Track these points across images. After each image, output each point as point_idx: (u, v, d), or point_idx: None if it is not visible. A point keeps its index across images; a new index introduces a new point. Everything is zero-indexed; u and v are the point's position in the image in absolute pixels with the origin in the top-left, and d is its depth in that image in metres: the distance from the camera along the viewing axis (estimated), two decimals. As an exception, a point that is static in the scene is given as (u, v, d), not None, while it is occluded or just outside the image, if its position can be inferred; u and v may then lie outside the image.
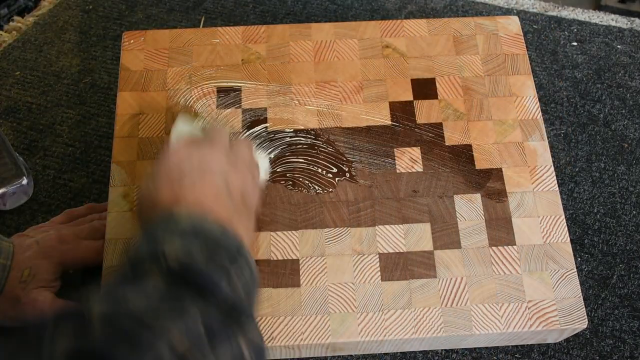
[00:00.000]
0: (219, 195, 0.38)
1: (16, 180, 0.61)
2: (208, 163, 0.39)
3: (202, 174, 0.38)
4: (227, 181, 0.39)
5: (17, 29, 0.79)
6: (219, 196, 0.38)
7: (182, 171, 0.38)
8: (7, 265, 0.52)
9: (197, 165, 0.38)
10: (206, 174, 0.38)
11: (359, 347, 0.51)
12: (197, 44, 0.59)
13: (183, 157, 0.39)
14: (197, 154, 0.39)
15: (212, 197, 0.37)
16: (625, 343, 0.57)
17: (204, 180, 0.37)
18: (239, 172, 0.41)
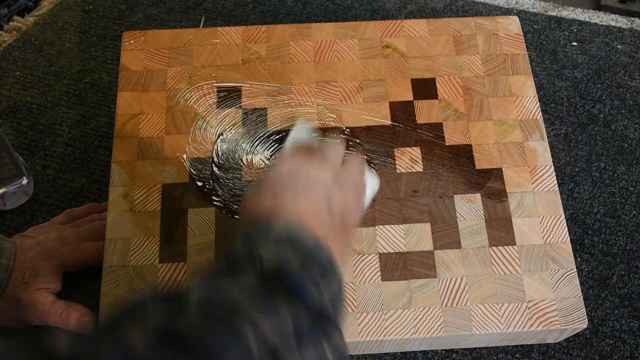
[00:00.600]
0: (318, 212, 0.38)
1: (16, 180, 0.61)
2: (314, 179, 0.39)
3: (306, 188, 0.38)
4: (330, 199, 0.39)
5: (17, 29, 0.79)
6: (319, 213, 0.38)
7: (287, 183, 0.38)
8: (9, 265, 0.52)
9: (304, 179, 0.39)
10: (310, 189, 0.38)
11: (359, 347, 0.51)
12: (197, 44, 0.59)
13: (292, 169, 0.39)
14: (306, 168, 0.40)
15: (312, 213, 0.38)
16: (625, 343, 0.57)
17: (306, 196, 0.38)
18: (344, 192, 0.41)
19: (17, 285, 0.52)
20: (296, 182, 0.38)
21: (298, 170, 0.39)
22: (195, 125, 0.56)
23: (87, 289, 0.57)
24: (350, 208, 0.41)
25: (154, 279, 0.50)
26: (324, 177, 0.40)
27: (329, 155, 0.42)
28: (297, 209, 0.37)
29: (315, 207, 0.38)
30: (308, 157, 0.41)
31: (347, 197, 0.41)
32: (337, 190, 0.40)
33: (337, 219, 0.39)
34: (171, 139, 0.55)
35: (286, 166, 0.40)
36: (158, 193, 0.53)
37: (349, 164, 0.43)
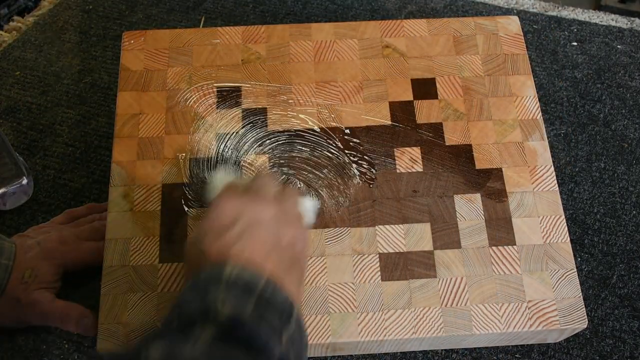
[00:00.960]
0: (268, 250, 0.37)
1: (16, 180, 0.61)
2: (258, 217, 0.38)
3: (251, 228, 0.37)
4: (278, 236, 0.38)
5: (17, 29, 0.79)
6: (268, 251, 0.37)
7: (232, 224, 0.37)
8: (9, 265, 0.52)
9: (247, 218, 0.37)
10: (255, 228, 0.37)
11: (359, 347, 0.51)
12: (197, 44, 0.59)
13: (233, 209, 0.38)
14: (248, 207, 0.38)
15: (263, 253, 0.37)
16: (625, 343, 0.57)
17: (253, 235, 0.37)
18: (289, 226, 0.40)
19: (17, 285, 0.52)
20: (240, 222, 0.37)
21: (239, 210, 0.38)
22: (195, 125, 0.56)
23: (87, 289, 0.57)
24: (299, 242, 0.40)
25: (153, 279, 0.50)
26: (268, 213, 0.38)
27: (265, 189, 0.41)
28: (245, 250, 0.36)
29: (264, 246, 0.37)
30: (244, 195, 0.40)
31: (294, 232, 0.40)
32: (283, 226, 0.39)
33: (289, 255, 0.38)
34: (171, 139, 0.55)
35: (226, 207, 0.38)
36: (158, 193, 0.53)
37: (284, 196, 0.42)
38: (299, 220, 0.42)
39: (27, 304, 0.52)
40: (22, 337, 0.55)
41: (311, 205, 0.48)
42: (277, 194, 0.42)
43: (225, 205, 0.38)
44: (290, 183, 0.53)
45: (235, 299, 0.33)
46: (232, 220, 0.37)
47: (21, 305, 0.52)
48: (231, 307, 0.32)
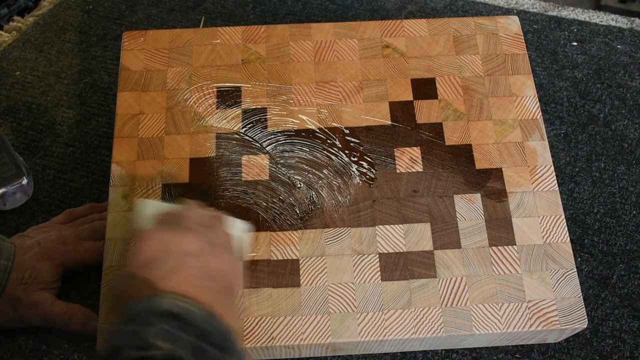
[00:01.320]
0: (199, 282, 0.36)
1: (16, 180, 0.61)
2: (185, 251, 0.37)
3: (178, 261, 0.36)
4: (206, 266, 0.37)
5: (17, 29, 0.79)
6: (200, 283, 0.36)
7: (157, 259, 0.36)
8: (8, 266, 0.52)
9: (174, 254, 0.37)
10: (184, 262, 0.36)
11: (359, 347, 0.51)
12: (197, 44, 0.59)
13: (157, 244, 0.37)
14: (171, 240, 0.38)
15: (192, 285, 0.36)
16: (625, 343, 0.57)
17: (181, 268, 0.36)
18: (217, 254, 0.39)
19: (17, 286, 0.52)
20: (168, 259, 0.36)
21: (164, 243, 0.37)
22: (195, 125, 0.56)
23: (87, 289, 0.57)
24: (229, 270, 0.39)
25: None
26: (193, 247, 0.38)
27: (189, 219, 0.40)
28: (178, 282, 0.35)
29: (195, 279, 0.36)
30: (171, 228, 0.39)
31: (223, 260, 0.39)
32: (211, 255, 0.38)
33: (219, 285, 0.37)
34: (171, 139, 0.55)
35: (151, 245, 0.37)
36: (158, 193, 0.53)
37: (211, 223, 0.42)
38: (228, 251, 0.41)
39: (27, 305, 0.52)
40: (22, 337, 0.55)
41: (242, 231, 0.47)
42: (204, 224, 0.41)
43: (152, 242, 0.38)
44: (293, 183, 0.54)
45: (171, 335, 0.32)
46: (161, 254, 0.37)
47: (21, 306, 0.52)
48: (168, 345, 0.31)
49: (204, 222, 0.42)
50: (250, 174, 0.54)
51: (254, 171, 0.54)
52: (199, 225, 0.41)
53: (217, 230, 0.42)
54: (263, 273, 0.50)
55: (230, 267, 0.40)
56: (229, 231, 0.44)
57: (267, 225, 0.52)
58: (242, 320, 0.49)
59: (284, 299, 0.49)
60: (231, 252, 0.42)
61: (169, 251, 0.37)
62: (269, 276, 0.50)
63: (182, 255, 0.37)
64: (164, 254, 0.37)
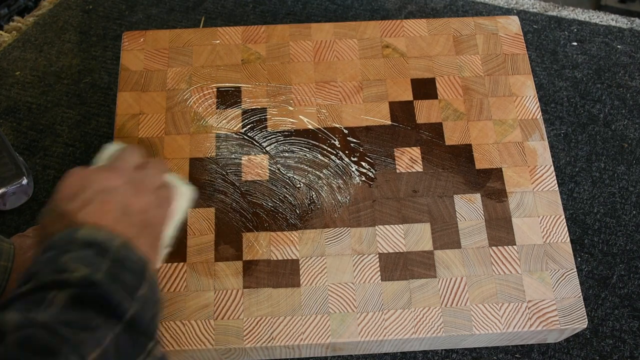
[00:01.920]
0: (119, 215, 0.38)
1: (16, 180, 0.61)
2: (104, 185, 0.39)
3: (96, 196, 0.38)
4: (125, 203, 0.39)
5: (17, 29, 0.79)
6: (120, 216, 0.38)
7: (76, 194, 0.38)
8: (8, 267, 0.52)
9: (92, 188, 0.38)
10: (101, 197, 0.38)
11: (359, 347, 0.51)
12: (197, 44, 0.59)
13: (78, 179, 0.39)
14: (95, 176, 0.39)
15: (113, 216, 0.38)
16: (625, 343, 0.57)
17: (99, 203, 0.38)
18: (141, 195, 0.40)
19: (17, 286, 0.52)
20: (85, 192, 0.38)
21: (85, 181, 0.39)
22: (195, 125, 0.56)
23: None
24: (151, 211, 0.40)
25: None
26: (115, 181, 0.39)
27: (121, 160, 0.42)
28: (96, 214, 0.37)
29: (112, 214, 0.38)
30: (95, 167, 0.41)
31: (146, 201, 0.40)
32: (132, 194, 0.40)
33: (138, 223, 0.39)
34: (171, 139, 0.55)
35: (71, 180, 0.39)
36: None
37: (146, 168, 0.43)
38: (157, 193, 0.43)
39: (27, 304, 0.52)
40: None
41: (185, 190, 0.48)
42: (135, 166, 0.43)
43: (73, 178, 0.39)
44: (293, 183, 0.54)
45: (88, 260, 0.34)
46: (80, 188, 0.38)
47: (21, 305, 0.52)
48: (84, 269, 0.33)
49: (136, 164, 0.43)
50: (250, 174, 0.54)
51: (254, 171, 0.54)
52: (129, 167, 0.42)
53: (149, 175, 0.43)
54: (263, 273, 0.50)
55: (154, 210, 0.41)
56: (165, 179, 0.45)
57: (267, 225, 0.52)
58: (242, 321, 0.49)
59: (284, 299, 0.49)
60: (159, 197, 0.43)
61: (88, 186, 0.38)
62: (269, 276, 0.50)
63: (100, 189, 0.38)
64: (83, 188, 0.38)
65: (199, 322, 0.49)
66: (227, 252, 0.51)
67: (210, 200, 0.53)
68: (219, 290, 0.50)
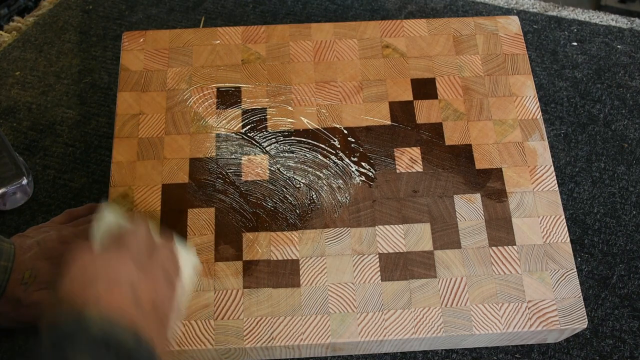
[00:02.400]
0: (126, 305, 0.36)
1: (16, 180, 0.61)
2: (114, 271, 0.37)
3: (107, 283, 0.36)
4: (136, 290, 0.37)
5: (17, 29, 0.79)
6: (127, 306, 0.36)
7: (85, 282, 0.36)
8: (8, 267, 0.52)
9: (104, 275, 0.37)
10: (112, 285, 0.37)
11: (359, 347, 0.51)
12: (197, 44, 0.59)
13: (88, 263, 0.37)
14: (104, 263, 0.38)
15: (120, 307, 0.36)
16: (625, 343, 0.57)
17: (109, 290, 0.36)
18: (151, 280, 0.39)
19: (17, 287, 0.52)
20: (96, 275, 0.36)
21: (95, 263, 0.37)
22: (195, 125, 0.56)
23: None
24: (161, 296, 0.39)
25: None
26: (124, 267, 0.38)
27: (130, 239, 0.40)
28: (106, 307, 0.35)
29: (121, 302, 0.36)
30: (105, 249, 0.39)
31: (156, 286, 0.39)
32: (143, 279, 0.38)
33: (146, 308, 0.37)
34: (171, 139, 0.55)
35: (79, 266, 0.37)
36: (158, 193, 0.53)
37: (156, 249, 0.42)
38: (167, 275, 0.41)
39: (27, 305, 0.52)
40: (22, 337, 0.55)
41: (189, 259, 0.47)
42: (146, 249, 0.41)
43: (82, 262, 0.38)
44: (293, 183, 0.54)
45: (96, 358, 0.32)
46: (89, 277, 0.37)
47: (21, 306, 0.52)
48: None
49: (147, 246, 0.41)
50: (250, 174, 0.54)
51: (254, 171, 0.54)
52: (138, 247, 0.41)
53: (160, 255, 0.41)
54: (263, 273, 0.50)
55: (163, 294, 0.40)
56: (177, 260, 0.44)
57: (267, 225, 0.52)
58: (242, 321, 0.49)
59: (284, 299, 0.49)
60: (169, 278, 0.41)
61: (99, 273, 0.37)
62: (269, 276, 0.50)
63: (112, 277, 0.37)
64: (92, 277, 0.36)
65: (199, 322, 0.49)
66: (227, 252, 0.51)
67: (210, 200, 0.53)
68: (219, 290, 0.50)
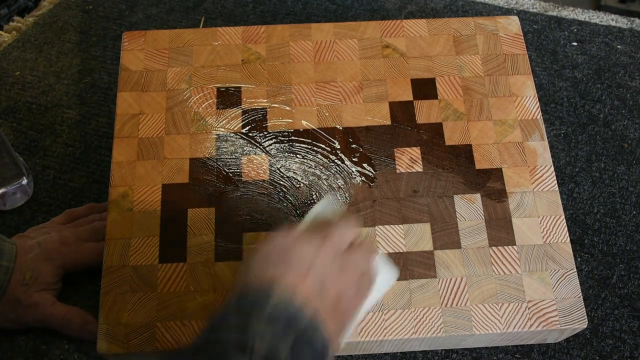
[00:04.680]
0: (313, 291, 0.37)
1: (16, 180, 0.61)
2: (311, 258, 0.38)
3: (302, 266, 0.38)
4: (323, 282, 0.38)
5: (17, 29, 0.79)
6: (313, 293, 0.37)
7: (281, 259, 0.38)
8: (9, 267, 0.52)
9: (301, 256, 0.38)
10: (306, 267, 0.38)
11: (359, 347, 0.51)
12: (197, 44, 0.59)
13: (288, 245, 0.39)
14: (303, 246, 0.39)
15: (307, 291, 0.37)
16: (625, 343, 0.57)
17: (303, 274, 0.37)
18: (342, 278, 0.39)
19: (18, 287, 0.52)
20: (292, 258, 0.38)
21: (295, 246, 0.39)
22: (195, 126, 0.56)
23: (87, 289, 0.57)
24: (348, 293, 0.40)
25: (153, 279, 0.50)
26: (321, 258, 0.39)
27: (334, 236, 0.41)
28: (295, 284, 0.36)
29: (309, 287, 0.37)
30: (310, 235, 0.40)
31: (346, 284, 0.39)
32: (335, 273, 0.39)
33: (330, 301, 0.38)
34: (171, 139, 0.55)
35: (283, 240, 0.39)
36: (158, 193, 0.53)
37: (355, 250, 0.42)
38: (361, 278, 0.42)
39: (27, 306, 0.52)
40: (22, 337, 0.55)
41: (388, 274, 0.46)
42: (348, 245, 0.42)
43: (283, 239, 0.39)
44: (293, 183, 0.54)
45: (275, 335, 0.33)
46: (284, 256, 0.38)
47: (22, 307, 0.52)
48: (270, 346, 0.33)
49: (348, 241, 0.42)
50: (250, 174, 0.54)
51: (254, 171, 0.54)
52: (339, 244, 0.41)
53: (356, 258, 0.42)
54: (263, 273, 0.50)
55: (352, 294, 0.40)
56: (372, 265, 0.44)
57: (267, 225, 0.52)
58: None
59: (284, 299, 0.49)
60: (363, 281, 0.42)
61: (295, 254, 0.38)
62: (269, 276, 0.50)
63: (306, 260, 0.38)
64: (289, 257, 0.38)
65: (199, 322, 0.49)
66: (227, 252, 0.51)
67: (210, 200, 0.53)
68: (219, 290, 0.50)
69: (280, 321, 0.34)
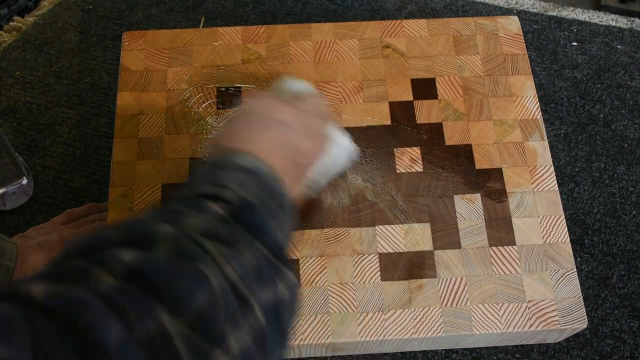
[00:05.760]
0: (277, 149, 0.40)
1: (16, 180, 0.61)
2: (284, 118, 0.41)
3: (276, 125, 0.41)
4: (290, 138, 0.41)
5: (17, 29, 0.79)
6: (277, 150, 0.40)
7: (251, 120, 0.41)
8: (10, 267, 0.52)
9: (277, 116, 0.41)
10: (279, 126, 0.41)
11: (359, 347, 0.51)
12: (197, 44, 0.59)
13: (256, 107, 0.42)
14: (282, 107, 0.42)
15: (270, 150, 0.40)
16: (625, 343, 0.57)
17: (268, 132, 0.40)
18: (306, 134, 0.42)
19: (18, 286, 0.52)
20: (260, 118, 0.41)
21: (262, 107, 0.42)
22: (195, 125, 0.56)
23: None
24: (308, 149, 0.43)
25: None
26: (289, 119, 0.42)
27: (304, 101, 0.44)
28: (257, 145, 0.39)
29: (274, 146, 0.40)
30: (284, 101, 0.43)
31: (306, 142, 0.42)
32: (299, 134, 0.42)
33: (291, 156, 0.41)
34: (171, 139, 0.55)
35: (253, 104, 0.42)
36: (158, 193, 0.53)
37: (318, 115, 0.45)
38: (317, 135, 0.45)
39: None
40: (22, 337, 0.55)
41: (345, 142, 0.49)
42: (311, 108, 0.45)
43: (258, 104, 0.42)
44: None
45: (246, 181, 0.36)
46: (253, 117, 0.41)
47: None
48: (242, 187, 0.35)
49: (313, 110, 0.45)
50: None
51: None
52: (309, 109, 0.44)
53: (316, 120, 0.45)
54: (263, 273, 0.50)
55: (311, 150, 0.43)
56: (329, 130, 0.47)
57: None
58: None
59: (284, 299, 0.49)
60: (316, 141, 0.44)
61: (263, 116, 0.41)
62: (269, 276, 0.50)
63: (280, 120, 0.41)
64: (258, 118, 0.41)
65: (199, 322, 0.49)
66: (227, 252, 0.51)
67: None
68: (219, 290, 0.50)
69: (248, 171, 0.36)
